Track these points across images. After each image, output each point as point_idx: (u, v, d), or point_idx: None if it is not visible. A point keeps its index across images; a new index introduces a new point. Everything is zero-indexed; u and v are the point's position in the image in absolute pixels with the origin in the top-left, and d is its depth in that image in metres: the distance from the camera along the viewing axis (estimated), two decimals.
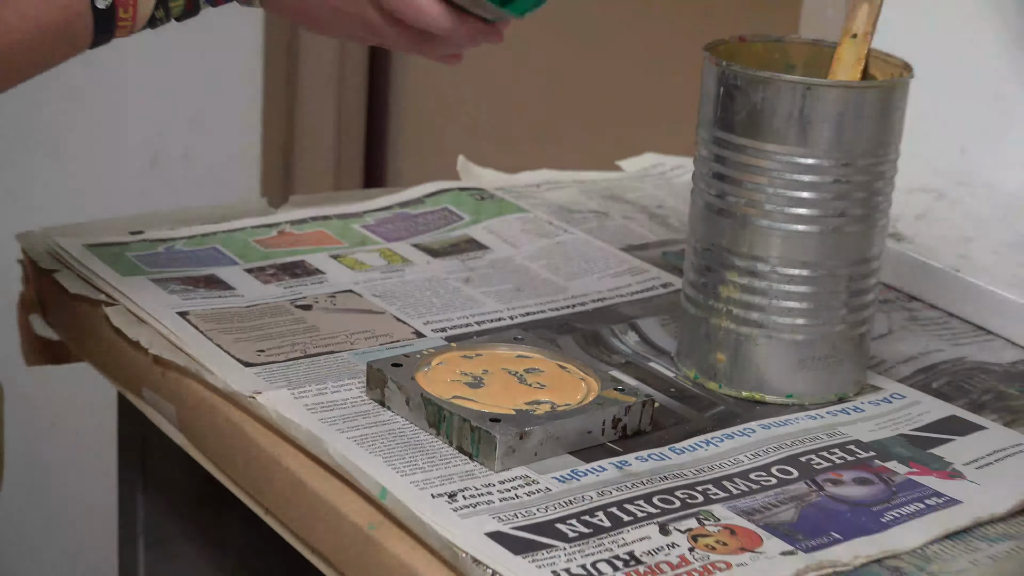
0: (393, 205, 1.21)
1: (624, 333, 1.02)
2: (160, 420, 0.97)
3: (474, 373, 0.92)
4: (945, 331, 1.05)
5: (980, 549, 0.79)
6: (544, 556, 0.75)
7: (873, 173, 0.91)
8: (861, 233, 0.92)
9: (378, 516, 0.80)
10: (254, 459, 0.88)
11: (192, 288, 1.03)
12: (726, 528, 0.79)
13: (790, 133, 0.89)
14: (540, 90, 2.46)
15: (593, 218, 1.21)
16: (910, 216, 1.16)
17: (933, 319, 1.07)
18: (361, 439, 0.85)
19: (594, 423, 0.87)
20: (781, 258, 0.91)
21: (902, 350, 1.02)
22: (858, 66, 0.93)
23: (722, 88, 0.91)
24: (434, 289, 1.07)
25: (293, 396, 0.90)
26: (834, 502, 0.82)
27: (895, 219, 1.12)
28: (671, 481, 0.83)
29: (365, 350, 0.97)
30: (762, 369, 0.93)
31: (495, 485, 0.82)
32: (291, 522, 0.86)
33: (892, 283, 1.10)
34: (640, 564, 0.75)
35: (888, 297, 1.10)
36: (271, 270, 1.08)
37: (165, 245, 1.10)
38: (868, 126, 0.90)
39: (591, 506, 0.80)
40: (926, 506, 0.82)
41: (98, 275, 1.03)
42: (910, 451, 0.88)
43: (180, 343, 0.95)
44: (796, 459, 0.87)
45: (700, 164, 0.94)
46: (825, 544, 0.78)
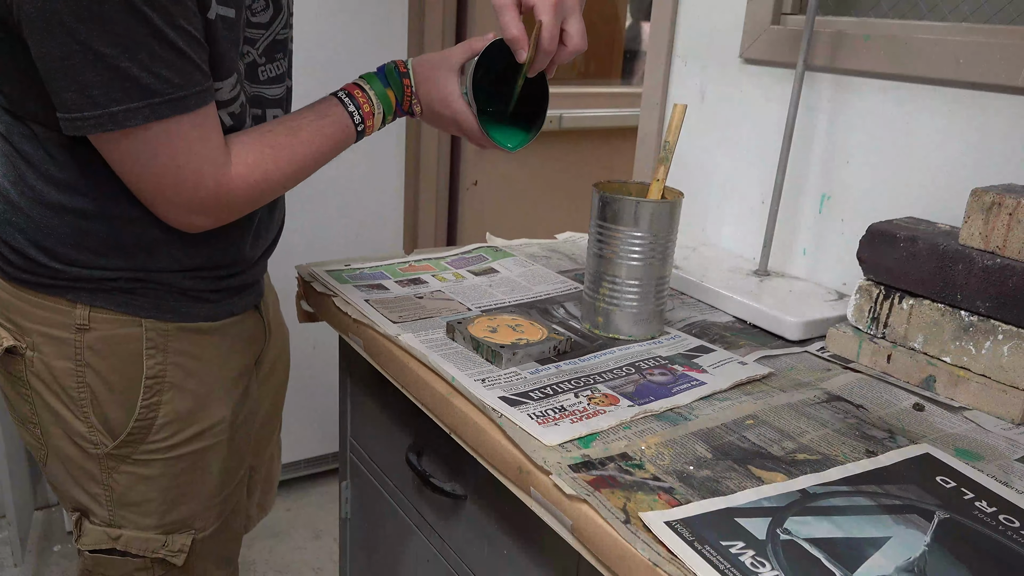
0: (458, 253, 1.18)
1: (558, 309, 0.99)
2: (357, 347, 0.94)
3: (492, 326, 0.89)
4: (696, 308, 1.03)
5: (715, 405, 0.77)
6: (524, 407, 0.73)
7: (666, 239, 0.88)
8: (661, 265, 0.89)
9: (450, 389, 0.78)
10: (397, 364, 0.86)
11: (371, 289, 1.00)
12: (603, 395, 0.77)
13: (630, 222, 0.87)
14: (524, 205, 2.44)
15: (544, 259, 1.19)
16: (681, 258, 1.13)
17: (691, 303, 1.05)
18: (444, 355, 0.83)
19: (546, 348, 0.85)
20: (626, 276, 0.89)
21: (679, 316, 1.00)
22: (659, 193, 0.91)
23: (600, 202, 0.88)
24: (476, 290, 1.04)
25: (415, 336, 0.87)
26: (650, 383, 0.80)
27: (676, 259, 1.09)
28: (579, 374, 0.81)
29: (446, 316, 0.94)
30: (618, 324, 0.90)
31: (502, 375, 0.80)
32: (413, 392, 0.84)
33: (675, 287, 1.08)
34: (566, 411, 0.73)
35: (673, 293, 1.07)
36: (405, 282, 1.05)
37: (359, 270, 1.07)
38: (664, 219, 0.87)
39: (544, 384, 0.78)
40: (691, 385, 0.80)
41: (330, 283, 1.00)
42: (684, 360, 0.86)
43: (366, 312, 0.93)
44: (633, 364, 0.84)
45: (591, 235, 0.91)
46: (647, 401, 0.76)
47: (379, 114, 0.85)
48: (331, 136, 0.82)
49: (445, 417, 0.78)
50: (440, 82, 0.84)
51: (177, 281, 0.82)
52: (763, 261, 1.10)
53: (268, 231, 0.92)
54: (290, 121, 0.81)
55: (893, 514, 0.61)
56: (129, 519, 0.86)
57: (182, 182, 0.73)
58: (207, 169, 0.73)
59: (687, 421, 0.74)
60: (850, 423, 0.76)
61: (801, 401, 0.79)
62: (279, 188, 0.80)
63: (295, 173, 0.80)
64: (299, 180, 0.82)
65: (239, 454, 0.93)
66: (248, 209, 0.79)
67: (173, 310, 0.83)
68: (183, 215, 0.76)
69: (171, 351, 0.83)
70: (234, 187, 0.75)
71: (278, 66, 0.85)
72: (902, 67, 0.96)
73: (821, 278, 1.09)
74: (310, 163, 0.81)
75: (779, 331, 0.95)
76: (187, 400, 0.85)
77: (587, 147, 2.50)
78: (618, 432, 0.71)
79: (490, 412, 0.73)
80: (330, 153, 0.83)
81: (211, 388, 0.87)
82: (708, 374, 0.83)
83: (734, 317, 1.00)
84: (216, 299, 0.86)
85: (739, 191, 1.19)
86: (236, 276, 0.88)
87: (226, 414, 0.89)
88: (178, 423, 0.85)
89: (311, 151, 0.80)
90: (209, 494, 0.90)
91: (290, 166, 0.79)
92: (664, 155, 0.90)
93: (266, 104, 0.85)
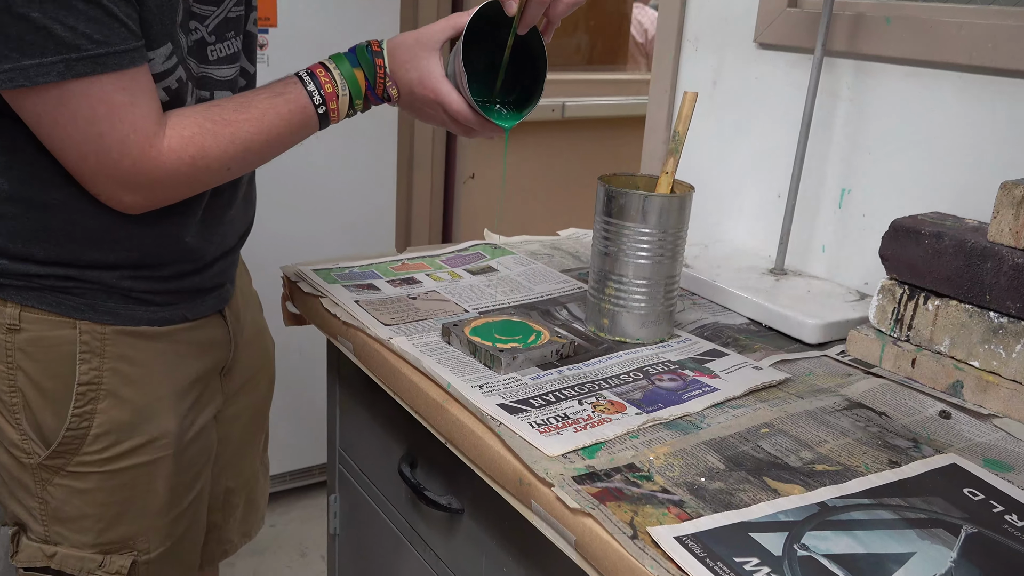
0: (454, 251, 1.18)
1: (560, 310, 0.99)
2: (346, 351, 0.94)
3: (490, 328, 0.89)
4: (708, 309, 1.03)
5: (728, 412, 0.78)
6: (524, 415, 0.74)
7: (676, 236, 0.89)
8: (671, 263, 0.89)
9: (446, 396, 0.78)
10: (389, 369, 0.86)
11: (361, 290, 1.00)
12: (609, 402, 0.77)
13: (637, 217, 0.87)
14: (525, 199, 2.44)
15: (546, 257, 1.19)
16: (692, 256, 1.14)
17: (703, 304, 1.05)
18: (439, 360, 0.83)
19: (548, 352, 0.85)
20: (633, 275, 0.89)
21: (689, 318, 1.00)
22: (669, 186, 0.91)
23: (606, 196, 0.89)
24: (473, 290, 1.04)
25: (408, 340, 0.87)
26: (659, 389, 0.80)
27: (686, 257, 1.10)
28: (583, 379, 0.81)
29: (442, 318, 0.94)
30: (625, 326, 0.91)
31: (501, 381, 0.80)
32: (405, 399, 0.84)
33: (685, 287, 1.08)
34: (569, 419, 0.73)
35: (683, 293, 1.07)
36: (398, 281, 1.05)
37: (349, 269, 1.07)
38: (674, 215, 0.87)
39: (546, 391, 0.78)
40: (703, 391, 0.80)
41: (318, 283, 1.01)
42: (695, 365, 0.86)
43: (355, 315, 0.93)
44: (641, 368, 0.84)
45: (596, 232, 0.91)
46: (656, 409, 0.76)
47: (344, 96, 0.81)
48: (285, 117, 0.79)
49: (440, 426, 0.78)
50: (420, 62, 0.81)
51: (115, 281, 0.81)
52: (779, 259, 1.10)
53: (225, 227, 0.89)
54: (241, 98, 0.79)
55: (918, 528, 0.61)
56: (65, 536, 0.84)
57: (105, 150, 0.70)
58: (133, 138, 0.70)
59: (698, 430, 0.74)
60: (872, 432, 0.76)
61: (820, 408, 0.79)
62: (220, 168, 0.77)
63: (239, 154, 0.77)
64: (247, 164, 0.79)
65: (192, 471, 0.91)
66: (184, 189, 0.77)
67: (112, 312, 0.81)
68: (110, 189, 0.74)
69: (108, 356, 0.81)
70: (164, 161, 0.73)
71: (229, 46, 0.83)
72: (927, 51, 0.96)
73: (841, 277, 1.09)
74: (258, 145, 0.78)
75: (796, 334, 0.95)
76: (125, 410, 0.83)
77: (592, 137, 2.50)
78: (625, 441, 0.71)
79: (488, 420, 0.73)
80: (285, 136, 0.80)
81: (155, 398, 0.85)
82: (721, 380, 0.83)
83: (748, 319, 1.01)
84: (164, 302, 0.85)
85: (754, 185, 1.19)
86: (188, 278, 0.86)
87: (172, 427, 0.86)
88: (115, 434, 0.83)
89: (260, 131, 0.78)
90: (154, 513, 0.87)
91: (232, 145, 0.76)
92: (674, 146, 0.90)
93: (215, 86, 0.82)
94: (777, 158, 1.15)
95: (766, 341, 0.94)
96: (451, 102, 0.81)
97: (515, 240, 1.25)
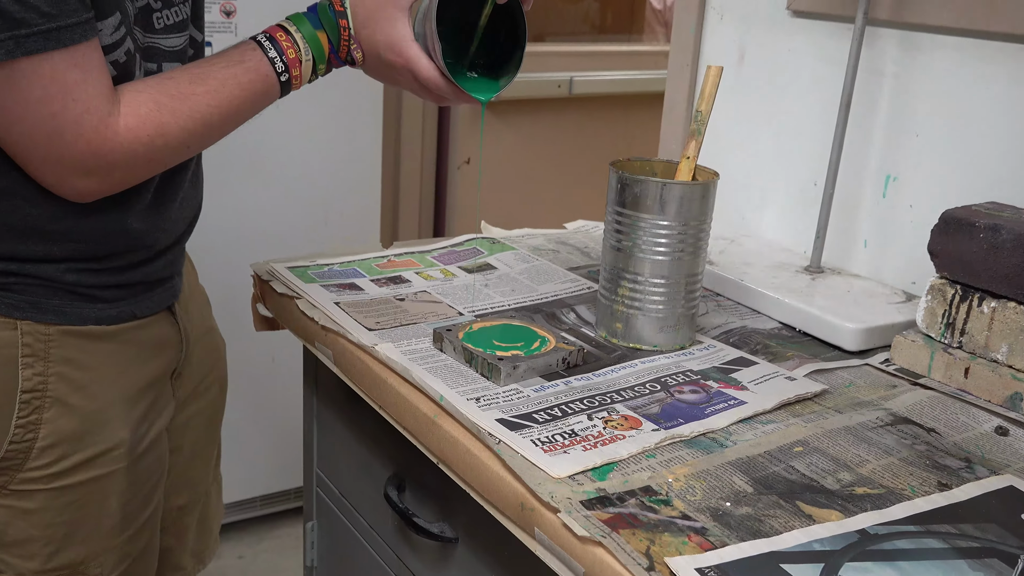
0: (447, 246, 1.19)
1: (568, 313, 1.00)
2: (324, 359, 0.95)
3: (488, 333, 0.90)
4: (735, 312, 1.04)
5: (757, 428, 0.79)
6: (526, 431, 0.74)
7: (698, 229, 0.90)
8: (692, 260, 0.90)
9: (438, 410, 0.79)
10: (373, 380, 0.87)
11: (342, 290, 1.01)
12: (622, 416, 0.78)
13: (654, 208, 0.88)
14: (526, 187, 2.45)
15: (551, 253, 1.20)
16: (716, 252, 1.15)
17: (729, 306, 1.06)
18: (430, 369, 0.84)
19: (553, 360, 0.86)
20: (650, 273, 0.90)
21: (713, 322, 1.01)
22: (690, 173, 0.92)
23: (619, 184, 0.90)
24: (468, 290, 1.05)
25: (395, 346, 0.88)
26: (679, 402, 0.81)
27: (710, 253, 1.11)
28: (593, 391, 0.82)
29: (433, 322, 0.95)
30: (640, 331, 0.92)
31: (500, 394, 0.81)
32: (392, 413, 0.85)
33: (708, 287, 1.09)
34: (577, 436, 0.74)
35: (706, 294, 1.08)
36: (383, 280, 1.06)
37: (328, 267, 1.08)
38: (695, 205, 0.88)
39: (551, 404, 0.79)
40: (728, 405, 0.81)
41: (292, 282, 1.01)
42: (719, 375, 0.87)
43: (335, 318, 0.94)
44: (659, 379, 0.85)
45: (608, 224, 0.92)
46: (675, 425, 0.77)
47: (308, 62, 0.83)
48: (246, 87, 0.80)
49: (432, 444, 0.79)
50: (387, 24, 0.81)
51: (59, 275, 0.81)
52: (815, 255, 1.11)
53: (175, 212, 0.90)
54: (196, 68, 0.80)
55: (970, 559, 0.62)
56: (8, 563, 0.84)
57: (57, 133, 0.71)
58: (87, 119, 0.71)
59: (723, 448, 0.75)
60: (919, 450, 0.77)
61: (860, 424, 0.80)
62: (179, 147, 0.78)
63: (199, 130, 0.78)
64: (206, 140, 0.80)
65: (147, 486, 0.92)
66: (142, 171, 0.78)
67: (56, 311, 0.82)
68: (62, 176, 0.75)
69: (54, 360, 0.82)
70: (120, 142, 0.74)
71: (177, 12, 0.84)
72: (984, 21, 0.97)
73: (885, 276, 1.10)
74: (219, 119, 0.79)
75: (834, 340, 0.96)
76: (74, 419, 0.83)
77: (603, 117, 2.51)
78: (640, 461, 0.72)
79: (486, 438, 0.74)
80: (246, 108, 0.81)
81: (105, 405, 0.85)
82: (749, 391, 0.84)
83: (780, 323, 1.02)
84: (112, 298, 0.85)
85: (786, 171, 1.20)
86: (137, 269, 0.87)
87: (125, 437, 0.87)
88: (64, 446, 0.83)
89: (220, 104, 0.79)
90: (107, 533, 0.88)
91: (191, 120, 0.77)
92: (696, 127, 0.91)
93: (162, 57, 0.83)
94: (813, 142, 1.16)
95: (800, 348, 0.95)
96: (421, 69, 0.81)
97: (516, 234, 1.26)
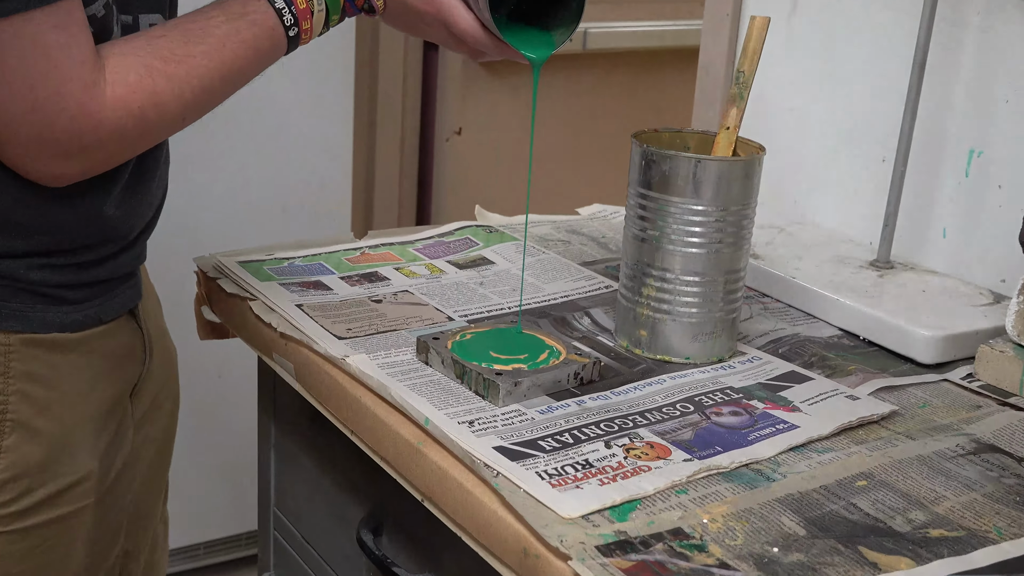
0: (434, 236, 1.19)
1: (581, 318, 1.00)
2: (284, 374, 0.95)
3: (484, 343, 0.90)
4: (786, 316, 1.04)
5: (812, 458, 0.78)
6: (531, 462, 0.74)
7: (740, 215, 0.90)
8: (732, 253, 0.90)
9: (423, 436, 0.79)
10: (343, 399, 0.87)
11: (305, 289, 1.01)
12: (647, 444, 0.78)
13: (687, 190, 0.88)
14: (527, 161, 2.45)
15: (561, 244, 1.20)
16: (763, 243, 1.15)
17: (778, 309, 1.06)
18: (413, 386, 0.84)
19: (562, 375, 0.85)
20: (681, 269, 0.90)
21: (759, 328, 1.01)
22: (730, 147, 0.92)
23: (643, 161, 0.89)
24: (459, 289, 1.05)
25: (369, 358, 0.88)
26: (717, 427, 0.81)
27: (754, 244, 1.10)
28: (612, 413, 0.82)
29: (416, 329, 0.95)
30: (669, 340, 0.91)
31: (499, 416, 0.81)
32: (367, 440, 0.85)
33: (752, 286, 1.09)
34: (592, 467, 0.74)
35: (750, 295, 1.08)
36: (356, 277, 1.06)
37: (288, 261, 1.08)
38: (737, 186, 0.88)
39: (560, 429, 0.79)
40: (776, 429, 0.81)
41: (245, 281, 1.01)
42: (765, 393, 0.87)
43: (297, 324, 0.94)
44: (692, 399, 0.85)
45: (629, 209, 0.92)
46: (712, 454, 0.77)
47: (320, 12, 0.83)
48: (250, 44, 0.80)
49: (415, 477, 0.79)
50: None
51: (22, 272, 0.82)
52: (883, 247, 1.11)
53: (151, 195, 0.91)
54: (190, 24, 0.80)
55: None
56: None
57: (37, 107, 0.72)
58: (70, 90, 0.72)
59: (770, 482, 0.74)
60: (1008, 485, 0.76)
61: (937, 453, 0.80)
62: (174, 119, 0.79)
63: (197, 97, 0.79)
64: (203, 109, 0.81)
65: (115, 524, 0.93)
66: (129, 149, 0.79)
67: (18, 316, 0.82)
68: (38, 157, 0.75)
69: (14, 375, 0.82)
70: (107, 116, 0.74)
71: None
72: None
73: (968, 272, 1.09)
74: (219, 83, 0.80)
75: (906, 350, 0.96)
76: (39, 446, 0.84)
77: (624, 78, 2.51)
78: (669, 498, 0.72)
79: (481, 469, 0.74)
80: (249, 69, 0.82)
81: (73, 429, 0.86)
82: (801, 413, 0.83)
83: (840, 329, 1.01)
84: (78, 299, 0.86)
85: (847, 145, 1.20)
86: (105, 264, 0.87)
87: (94, 467, 0.88)
88: (27, 480, 0.84)
89: (221, 66, 0.79)
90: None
91: (189, 87, 0.78)
92: (737, 91, 0.91)
93: (138, 7, 0.83)
94: (879, 109, 1.16)
95: (864, 360, 0.95)
96: (458, 19, 0.83)
97: (518, 220, 1.26)
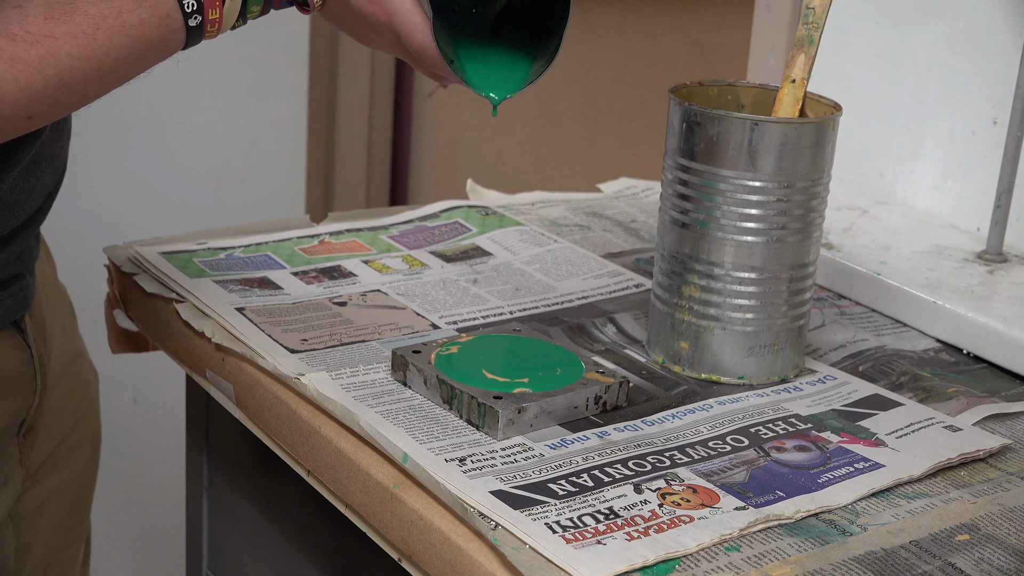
0: (413, 219, 1.19)
1: (604, 325, 1.01)
2: (221, 397, 0.96)
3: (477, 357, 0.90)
4: (868, 324, 1.04)
5: (900, 505, 0.79)
6: (539, 510, 0.75)
7: (809, 194, 0.90)
8: (799, 243, 0.91)
9: (401, 477, 0.80)
10: (298, 430, 0.87)
11: (248, 288, 1.02)
12: (689, 487, 0.78)
13: (741, 160, 0.88)
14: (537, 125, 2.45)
15: (578, 230, 1.20)
16: (839, 229, 1.15)
17: (858, 314, 1.06)
18: (387, 413, 0.84)
19: (579, 399, 0.86)
20: (733, 263, 0.90)
21: (833, 339, 1.01)
22: (796, 106, 0.92)
23: (684, 124, 0.90)
24: (447, 289, 1.05)
25: (331, 377, 0.88)
26: (778, 465, 0.82)
27: (827, 231, 1.11)
28: (643, 448, 0.82)
29: (390, 339, 0.95)
30: (718, 355, 0.92)
31: (498, 451, 0.81)
32: (329, 482, 0.85)
33: (824, 284, 1.09)
34: (618, 518, 0.75)
35: (821, 296, 1.09)
36: (313, 273, 1.06)
37: (226, 252, 1.08)
38: (804, 155, 0.89)
39: (577, 469, 0.80)
40: (855, 469, 0.81)
41: (170, 277, 1.02)
42: (841, 423, 0.87)
43: (237, 333, 0.94)
44: (747, 430, 0.86)
45: (666, 186, 0.93)
46: (771, 501, 0.77)
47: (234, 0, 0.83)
48: (134, 30, 0.80)
49: (390, 529, 0.79)
50: None
51: None
52: (994, 235, 1.11)
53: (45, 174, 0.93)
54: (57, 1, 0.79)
55: None
56: None
57: None
58: None
59: (846, 536, 0.75)
60: None
61: None
62: (16, 115, 0.79)
63: (50, 93, 0.79)
64: (61, 107, 0.82)
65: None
66: None
67: None
68: None
69: None
70: None
71: None
72: None
73: None
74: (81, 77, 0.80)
75: (1022, 368, 0.96)
76: None
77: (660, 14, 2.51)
78: (717, 557, 0.72)
79: (475, 520, 0.74)
80: (128, 64, 0.82)
81: None
82: (887, 449, 0.84)
83: (938, 340, 1.02)
84: None
85: (949, 104, 1.20)
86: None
87: None
88: None
89: (89, 55, 0.79)
90: None
91: (41, 77, 0.78)
92: (806, 32, 0.91)
93: None
94: (986, 61, 1.16)
95: (969, 381, 0.95)
96: (413, 33, 0.85)
97: (521, 199, 1.26)
